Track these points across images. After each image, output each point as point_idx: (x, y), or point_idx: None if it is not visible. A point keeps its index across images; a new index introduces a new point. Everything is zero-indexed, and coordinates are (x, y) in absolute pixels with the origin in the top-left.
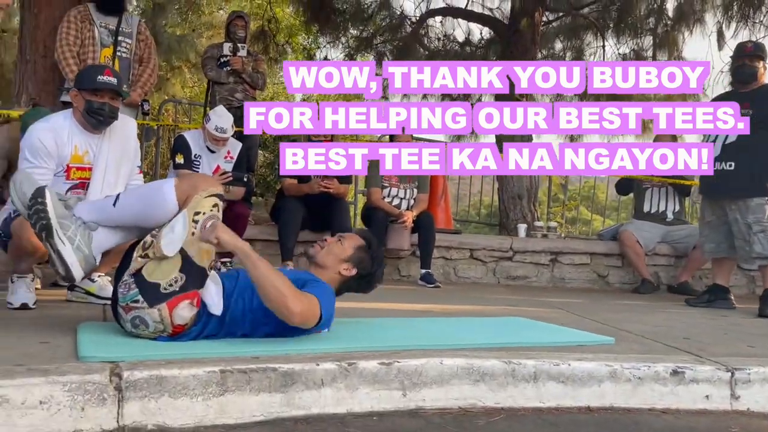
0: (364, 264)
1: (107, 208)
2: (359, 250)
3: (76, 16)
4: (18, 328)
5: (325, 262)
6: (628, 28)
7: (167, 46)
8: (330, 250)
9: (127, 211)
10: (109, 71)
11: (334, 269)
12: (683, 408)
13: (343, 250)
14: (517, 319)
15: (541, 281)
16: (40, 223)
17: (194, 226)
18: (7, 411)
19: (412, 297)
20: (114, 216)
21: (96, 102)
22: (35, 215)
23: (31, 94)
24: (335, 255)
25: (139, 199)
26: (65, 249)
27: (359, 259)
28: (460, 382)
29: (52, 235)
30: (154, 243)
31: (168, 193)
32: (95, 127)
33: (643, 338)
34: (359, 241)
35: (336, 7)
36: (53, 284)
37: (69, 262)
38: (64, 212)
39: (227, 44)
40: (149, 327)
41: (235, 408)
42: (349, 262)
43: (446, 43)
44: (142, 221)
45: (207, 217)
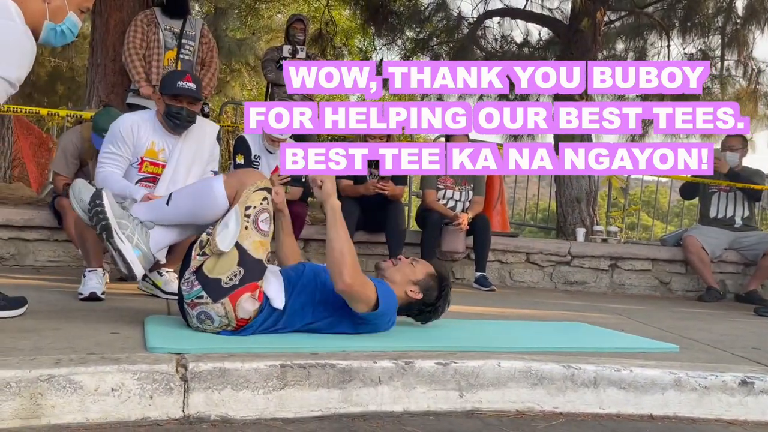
0: (430, 293)
1: (161, 207)
2: (430, 278)
3: (143, 20)
4: (91, 319)
5: (393, 278)
6: (694, 27)
7: (227, 50)
8: (401, 268)
9: (180, 209)
10: (189, 77)
11: (401, 288)
12: (752, 420)
13: (414, 272)
14: (577, 323)
15: (599, 287)
16: (100, 225)
17: (246, 220)
18: (80, 397)
19: (467, 300)
20: (168, 214)
21: (175, 106)
22: (95, 217)
23: (102, 97)
24: (405, 274)
25: (191, 197)
26: (125, 247)
27: (428, 286)
28: (518, 385)
29: (112, 234)
30: (210, 240)
31: (217, 189)
32: (173, 129)
33: (710, 347)
34: (432, 269)
35: (392, 9)
36: (120, 279)
37: (129, 260)
38: (122, 212)
39: (287, 47)
40: (215, 322)
41: (294, 402)
42: (417, 286)
43: (504, 45)
44: (195, 218)
45: (258, 210)
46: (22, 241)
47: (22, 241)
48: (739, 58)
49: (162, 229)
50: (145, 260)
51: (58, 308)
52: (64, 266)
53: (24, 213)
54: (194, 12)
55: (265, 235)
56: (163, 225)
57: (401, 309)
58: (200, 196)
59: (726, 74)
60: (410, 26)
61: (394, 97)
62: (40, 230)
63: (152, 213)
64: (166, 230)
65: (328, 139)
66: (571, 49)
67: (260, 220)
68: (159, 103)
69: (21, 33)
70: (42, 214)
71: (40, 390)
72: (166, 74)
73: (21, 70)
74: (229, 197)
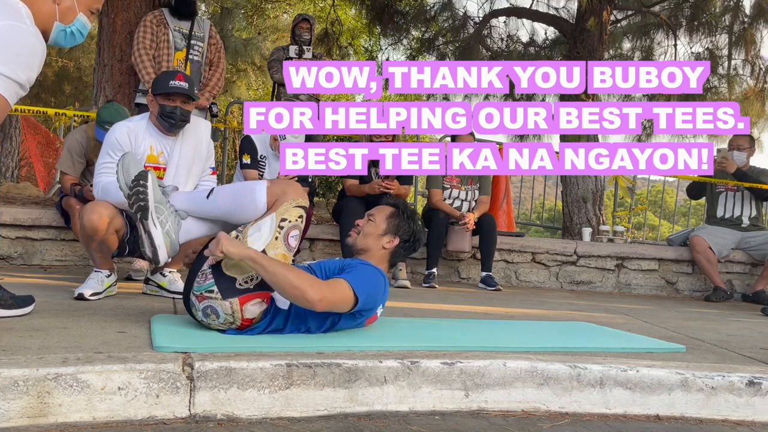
0: (401, 229)
1: (201, 200)
2: (392, 218)
3: (152, 20)
4: (98, 318)
5: (365, 245)
6: (702, 26)
7: (234, 50)
8: (365, 232)
9: (219, 205)
10: (181, 76)
11: (377, 247)
12: (759, 420)
13: (377, 227)
14: (583, 323)
15: (606, 287)
16: (138, 204)
17: (278, 231)
18: (87, 395)
19: (473, 299)
20: (206, 208)
21: (168, 106)
22: (135, 195)
23: (109, 97)
24: (372, 234)
25: (232, 196)
26: (156, 231)
27: (395, 227)
28: (524, 384)
29: (147, 216)
30: (239, 238)
31: (260, 194)
32: (168, 130)
33: (717, 347)
34: (387, 210)
35: (398, 8)
36: (127, 278)
37: (157, 244)
38: (162, 197)
39: (293, 47)
40: (219, 317)
41: (299, 401)
42: (387, 235)
43: (510, 44)
44: (230, 217)
45: (291, 226)
46: (30, 241)
47: (29, 240)
48: (746, 57)
49: (194, 221)
50: (171, 248)
51: (65, 307)
52: (71, 265)
53: (31, 212)
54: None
55: (291, 251)
56: (197, 217)
57: (393, 261)
58: (242, 197)
59: (733, 73)
60: (416, 26)
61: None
62: (47, 230)
63: (191, 204)
64: (197, 223)
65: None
66: (578, 48)
67: (291, 235)
68: (152, 104)
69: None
70: (49, 214)
71: (48, 389)
72: (158, 75)
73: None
74: (268, 203)
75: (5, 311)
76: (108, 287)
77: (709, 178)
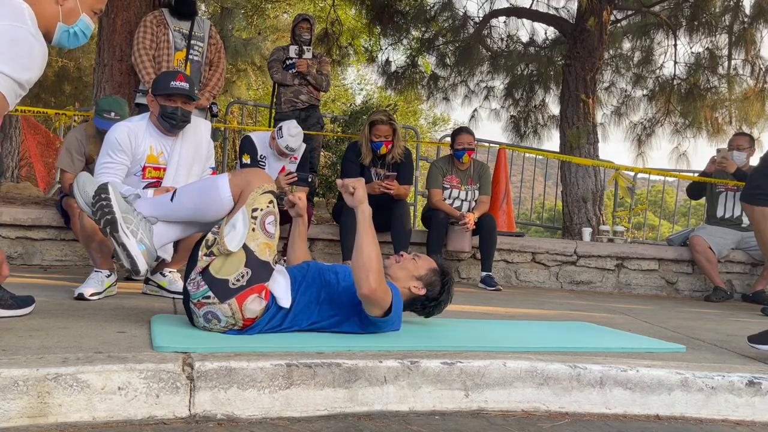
0: (434, 288)
1: (165, 203)
2: (432, 273)
3: (152, 20)
4: (98, 318)
5: (397, 275)
6: (702, 25)
7: (233, 50)
8: (404, 265)
9: (185, 205)
10: (181, 76)
11: (404, 284)
12: (759, 420)
13: (416, 268)
14: (583, 323)
15: (606, 287)
16: (104, 219)
17: (254, 222)
18: (87, 395)
19: (473, 299)
20: (172, 211)
21: (169, 106)
22: (99, 211)
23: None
24: (408, 271)
25: (195, 195)
26: (129, 242)
27: (431, 281)
28: (524, 385)
29: (117, 228)
30: (217, 240)
31: (223, 188)
32: (169, 130)
33: (717, 347)
34: (434, 264)
35: (398, 8)
36: (127, 278)
37: (134, 254)
38: (127, 207)
39: (293, 47)
40: (221, 321)
41: (300, 401)
42: (420, 281)
43: (509, 44)
44: (199, 216)
45: (264, 213)
46: (30, 241)
47: (29, 240)
48: (746, 57)
49: (165, 225)
50: (149, 256)
51: (65, 307)
52: (71, 265)
53: (31, 212)
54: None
55: (272, 237)
56: (167, 221)
57: (405, 305)
58: (205, 194)
59: (733, 73)
60: (416, 26)
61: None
62: (47, 230)
63: (156, 209)
64: (168, 226)
65: (333, 139)
66: (578, 48)
67: (267, 222)
68: (152, 105)
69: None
70: (49, 214)
71: (48, 389)
72: (158, 76)
73: (32, 72)
74: (234, 196)
75: (5, 311)
76: (108, 287)
77: (709, 178)
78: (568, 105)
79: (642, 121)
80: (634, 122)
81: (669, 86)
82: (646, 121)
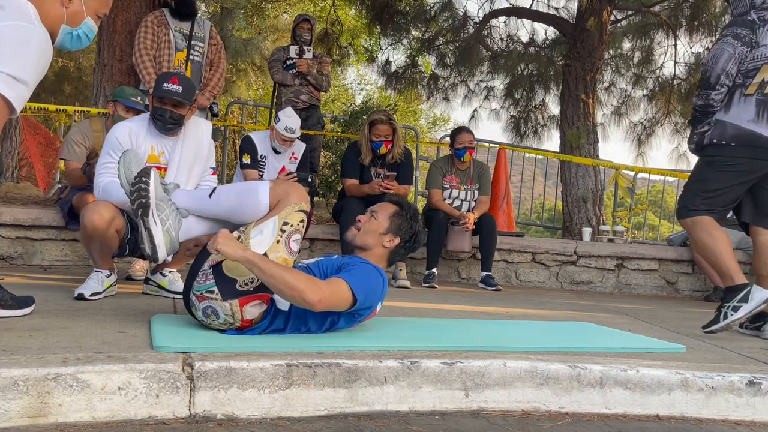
0: (403, 229)
1: (203, 198)
2: (394, 218)
3: (153, 21)
4: (98, 318)
5: (366, 243)
6: (702, 26)
7: (234, 50)
8: (367, 229)
9: (221, 204)
10: (175, 79)
11: (378, 245)
12: (759, 420)
13: (379, 225)
14: (583, 323)
15: (606, 287)
16: (139, 201)
17: (280, 235)
18: (87, 395)
19: (473, 299)
20: (208, 207)
21: (159, 108)
22: (137, 192)
23: (108, 97)
24: (373, 232)
25: (235, 196)
26: (156, 229)
27: (397, 226)
28: (524, 385)
29: (148, 213)
30: (241, 239)
31: (263, 194)
32: (161, 131)
33: (717, 347)
34: (390, 208)
35: (398, 8)
36: (127, 278)
37: (157, 242)
38: (163, 195)
39: (293, 47)
40: (219, 318)
41: (299, 401)
42: (389, 233)
43: (509, 44)
44: (232, 217)
45: (293, 230)
46: (30, 241)
47: (29, 240)
48: None
49: (196, 219)
50: (170, 246)
51: (65, 307)
52: (71, 265)
53: (31, 212)
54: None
55: (292, 255)
56: (198, 216)
57: (392, 260)
58: (244, 197)
59: None
60: (416, 26)
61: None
62: (47, 229)
63: (193, 202)
64: (199, 222)
65: (333, 139)
66: (578, 48)
67: (292, 239)
68: (151, 105)
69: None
70: (49, 214)
71: (48, 389)
72: (158, 76)
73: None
74: (271, 204)
75: (5, 311)
76: (108, 287)
77: None
78: (568, 105)
79: (642, 121)
80: (634, 122)
81: (669, 86)
82: (646, 121)
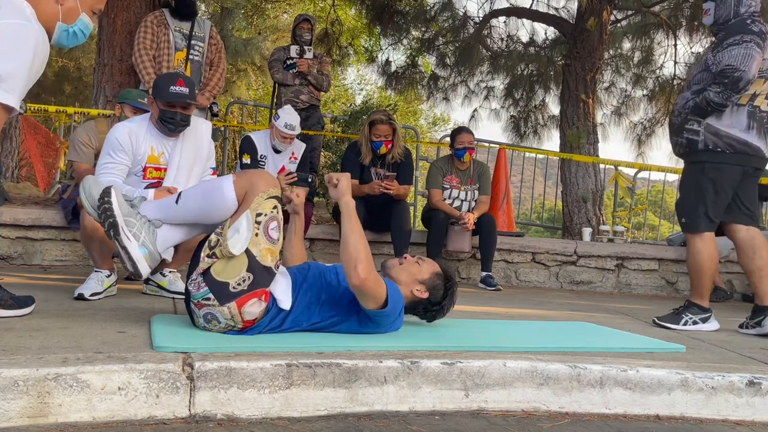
0: (436, 292)
1: (170, 205)
2: (436, 277)
3: (152, 21)
4: (98, 318)
5: (399, 278)
6: (702, 26)
7: (234, 50)
8: (407, 268)
9: (189, 207)
10: (182, 81)
11: (407, 287)
12: (759, 420)
13: (420, 272)
14: (583, 323)
15: (605, 287)
16: (107, 221)
17: (257, 227)
18: (87, 395)
19: (473, 299)
20: (177, 213)
21: (168, 111)
22: (103, 214)
23: (108, 97)
24: (411, 274)
25: (200, 196)
26: (131, 245)
27: (434, 285)
28: (524, 385)
29: (119, 231)
30: (220, 242)
31: (227, 190)
32: (168, 134)
33: (717, 347)
34: (437, 268)
35: (398, 8)
36: (127, 278)
37: (135, 258)
38: (130, 210)
39: (294, 47)
40: (221, 323)
41: (299, 401)
42: (423, 285)
43: (509, 44)
44: (204, 217)
45: (268, 218)
46: (30, 241)
47: (29, 240)
48: None
49: (170, 227)
50: (151, 259)
51: (65, 307)
52: (71, 265)
53: (31, 212)
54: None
55: (275, 243)
56: (171, 224)
57: (407, 308)
58: (210, 196)
59: None
60: (416, 26)
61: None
62: (47, 230)
63: (161, 211)
64: (173, 229)
65: (333, 139)
66: (578, 48)
67: (270, 228)
68: (153, 107)
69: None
70: (49, 214)
71: (48, 389)
72: (158, 78)
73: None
74: (238, 197)
75: (5, 311)
76: (108, 287)
77: None
78: (568, 105)
79: (642, 121)
80: (634, 122)
81: (669, 86)
82: (646, 121)
